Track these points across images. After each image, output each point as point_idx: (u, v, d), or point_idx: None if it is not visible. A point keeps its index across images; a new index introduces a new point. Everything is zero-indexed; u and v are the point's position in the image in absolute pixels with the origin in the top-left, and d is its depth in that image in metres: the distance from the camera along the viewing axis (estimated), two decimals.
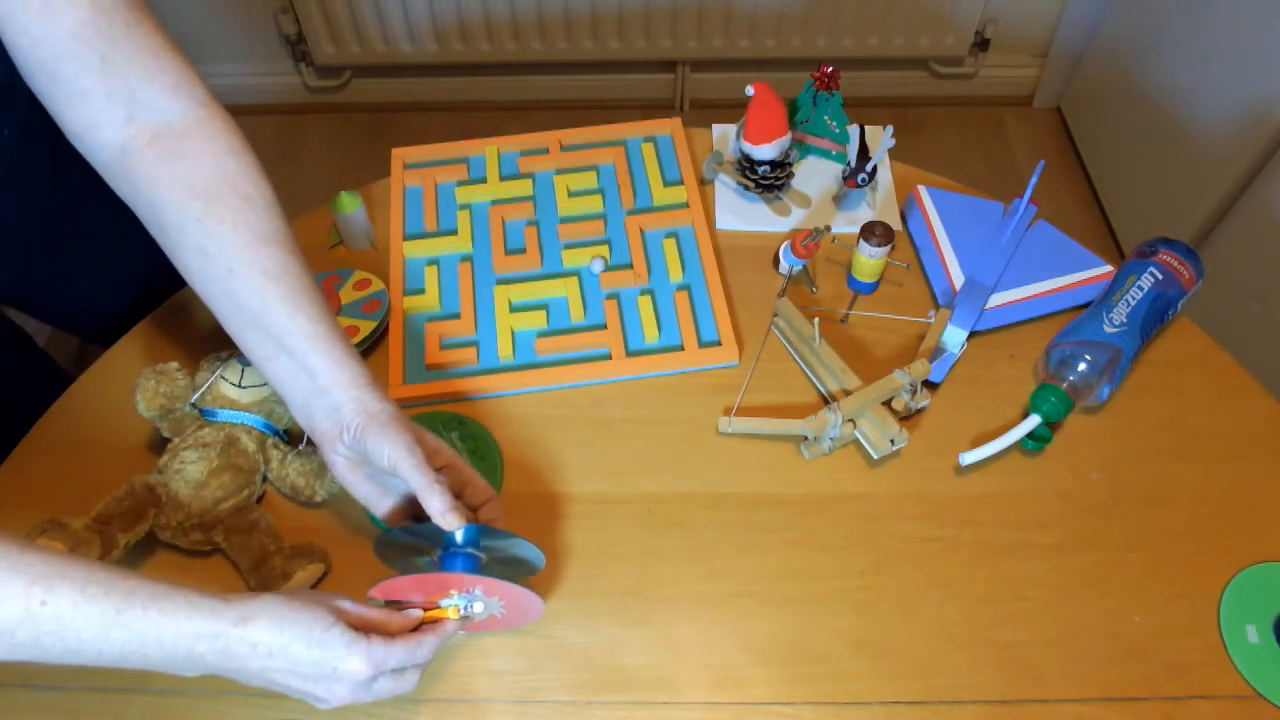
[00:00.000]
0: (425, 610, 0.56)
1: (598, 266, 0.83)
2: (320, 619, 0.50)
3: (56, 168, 0.77)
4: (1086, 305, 0.78)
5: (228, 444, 0.68)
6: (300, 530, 0.69)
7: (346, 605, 0.52)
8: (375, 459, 0.56)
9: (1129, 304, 0.74)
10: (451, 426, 0.74)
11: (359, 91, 2.00)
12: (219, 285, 0.56)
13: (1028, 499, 0.70)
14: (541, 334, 0.79)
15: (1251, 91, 1.36)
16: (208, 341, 0.78)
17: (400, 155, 0.92)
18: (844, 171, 0.85)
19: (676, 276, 0.82)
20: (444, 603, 0.56)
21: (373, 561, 0.67)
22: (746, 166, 0.86)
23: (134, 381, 0.68)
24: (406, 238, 0.86)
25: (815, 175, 0.91)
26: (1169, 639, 0.63)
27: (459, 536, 0.56)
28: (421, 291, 0.82)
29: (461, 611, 0.56)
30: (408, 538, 0.59)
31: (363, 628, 0.51)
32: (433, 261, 0.84)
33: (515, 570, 0.62)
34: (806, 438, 0.72)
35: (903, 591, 0.66)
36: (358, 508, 0.70)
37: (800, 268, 0.81)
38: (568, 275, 0.83)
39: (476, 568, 0.57)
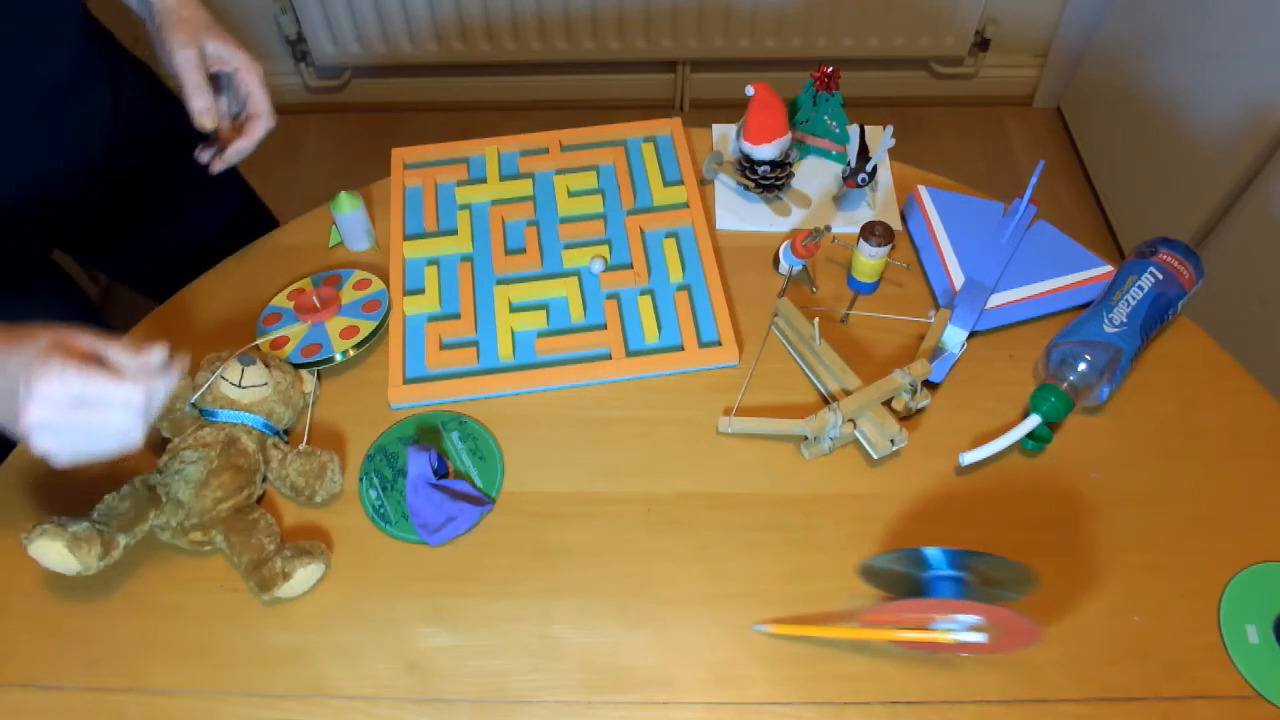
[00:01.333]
0: (915, 632, 0.57)
1: (598, 266, 0.83)
2: (34, 342, 0.50)
3: (115, 129, 0.82)
4: (1086, 305, 0.78)
5: (228, 444, 0.68)
6: (300, 530, 0.69)
7: (84, 340, 0.52)
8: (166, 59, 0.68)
9: (1129, 304, 0.74)
10: (451, 426, 0.74)
11: (359, 91, 2.00)
12: None
13: (1028, 499, 0.70)
14: (541, 334, 0.79)
15: (1251, 91, 1.36)
16: (208, 341, 0.78)
17: (400, 155, 0.92)
18: (844, 171, 0.85)
19: (676, 276, 0.82)
20: (937, 625, 0.56)
21: (373, 561, 0.67)
22: (746, 166, 0.86)
23: None
24: (406, 238, 0.86)
25: (815, 175, 0.91)
26: (1169, 639, 0.63)
27: (939, 558, 0.56)
28: (421, 291, 0.82)
29: (954, 636, 0.56)
30: (892, 565, 0.60)
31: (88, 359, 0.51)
32: (433, 261, 0.84)
33: (1002, 591, 0.60)
34: (806, 438, 0.72)
35: None
36: (358, 508, 0.70)
37: (800, 268, 0.81)
38: (568, 275, 0.83)
39: (965, 592, 0.57)
